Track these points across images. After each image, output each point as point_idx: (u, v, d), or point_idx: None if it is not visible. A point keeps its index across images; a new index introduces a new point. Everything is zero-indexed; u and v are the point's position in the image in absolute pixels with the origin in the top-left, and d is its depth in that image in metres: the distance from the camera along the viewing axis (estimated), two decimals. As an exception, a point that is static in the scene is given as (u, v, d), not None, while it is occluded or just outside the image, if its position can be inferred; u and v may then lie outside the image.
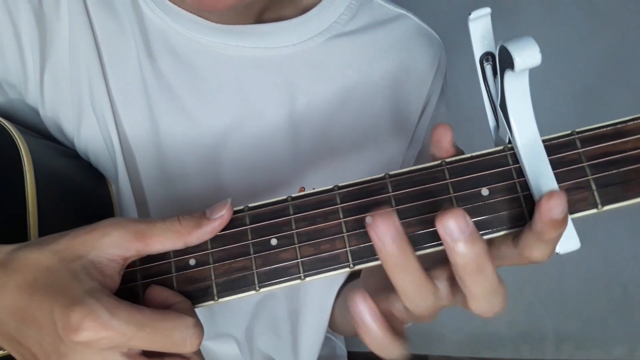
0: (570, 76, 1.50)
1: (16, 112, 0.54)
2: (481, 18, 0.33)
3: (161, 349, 0.31)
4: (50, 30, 0.50)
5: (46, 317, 0.30)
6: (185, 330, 0.31)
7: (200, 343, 0.32)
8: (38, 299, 0.31)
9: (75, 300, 0.30)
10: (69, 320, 0.29)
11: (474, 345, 1.57)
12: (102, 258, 0.33)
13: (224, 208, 0.34)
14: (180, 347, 0.31)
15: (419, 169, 0.34)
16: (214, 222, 0.34)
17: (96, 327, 0.29)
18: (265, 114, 0.54)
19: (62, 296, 0.30)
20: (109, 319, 0.29)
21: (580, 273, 1.49)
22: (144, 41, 0.51)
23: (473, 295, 0.31)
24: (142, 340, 0.30)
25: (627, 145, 0.32)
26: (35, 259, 0.33)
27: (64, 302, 0.30)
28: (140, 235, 0.33)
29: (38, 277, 0.32)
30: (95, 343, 0.29)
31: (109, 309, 0.30)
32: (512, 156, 0.33)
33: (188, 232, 0.34)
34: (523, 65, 0.30)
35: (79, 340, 0.29)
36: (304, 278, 0.34)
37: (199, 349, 0.33)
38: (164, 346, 0.31)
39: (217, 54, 0.52)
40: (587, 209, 0.32)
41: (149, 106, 0.51)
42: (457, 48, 0.76)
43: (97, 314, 0.29)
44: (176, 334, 0.31)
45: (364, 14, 0.56)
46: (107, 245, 0.33)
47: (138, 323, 0.30)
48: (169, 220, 0.34)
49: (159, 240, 0.33)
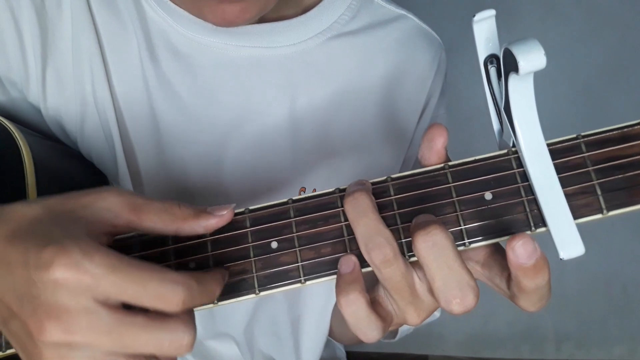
0: (571, 77, 1.50)
1: (18, 112, 0.54)
2: (486, 20, 0.33)
3: (134, 301, 0.29)
4: (52, 28, 0.50)
5: (20, 259, 0.29)
6: (162, 284, 0.29)
7: (185, 307, 0.30)
8: (16, 243, 0.29)
9: (51, 240, 0.28)
10: (41, 257, 0.28)
11: (474, 345, 1.57)
12: (92, 218, 0.31)
13: (226, 209, 0.33)
14: (154, 301, 0.29)
15: (422, 172, 0.34)
16: (212, 218, 0.33)
17: (66, 265, 0.27)
18: (265, 113, 0.53)
19: (41, 238, 0.29)
20: (80, 258, 0.28)
21: (580, 273, 1.49)
22: (145, 40, 0.51)
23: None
24: (113, 285, 0.28)
25: (633, 149, 0.32)
26: (23, 210, 0.31)
27: (39, 242, 0.28)
28: (135, 208, 0.32)
29: (22, 225, 0.30)
30: (65, 282, 0.27)
31: (83, 249, 0.28)
32: (516, 160, 0.33)
33: (183, 219, 0.33)
34: (528, 68, 0.29)
35: (49, 279, 0.27)
36: (304, 282, 0.34)
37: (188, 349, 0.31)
38: (136, 296, 0.28)
39: (217, 53, 0.52)
40: (592, 214, 0.32)
41: (150, 105, 0.51)
42: (458, 49, 0.76)
43: (69, 252, 0.28)
44: (151, 285, 0.29)
45: (365, 14, 0.56)
46: (101, 207, 0.31)
47: (110, 265, 0.28)
48: (168, 203, 0.33)
49: (152, 219, 0.32)
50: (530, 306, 0.32)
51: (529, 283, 0.30)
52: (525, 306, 0.33)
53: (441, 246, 0.30)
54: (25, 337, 0.29)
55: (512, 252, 0.29)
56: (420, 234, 0.30)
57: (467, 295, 0.30)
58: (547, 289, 0.31)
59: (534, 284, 0.30)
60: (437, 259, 0.30)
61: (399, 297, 0.33)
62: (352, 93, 0.55)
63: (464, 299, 0.30)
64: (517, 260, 0.29)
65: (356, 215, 0.32)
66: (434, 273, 0.31)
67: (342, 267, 0.33)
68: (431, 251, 0.30)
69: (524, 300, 0.32)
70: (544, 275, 0.30)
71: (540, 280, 0.30)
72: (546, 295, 0.32)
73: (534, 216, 0.32)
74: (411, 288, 0.33)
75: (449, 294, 0.31)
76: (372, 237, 0.31)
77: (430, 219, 0.32)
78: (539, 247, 0.30)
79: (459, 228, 0.33)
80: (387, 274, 0.31)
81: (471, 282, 0.31)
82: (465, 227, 0.32)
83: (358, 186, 0.33)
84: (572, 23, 1.50)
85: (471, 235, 0.32)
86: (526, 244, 0.29)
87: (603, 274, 1.52)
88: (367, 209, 0.32)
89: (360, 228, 0.32)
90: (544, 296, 0.32)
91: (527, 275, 0.30)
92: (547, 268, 0.30)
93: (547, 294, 0.32)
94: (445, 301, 0.31)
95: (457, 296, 0.30)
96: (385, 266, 0.31)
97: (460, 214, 0.33)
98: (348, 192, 0.33)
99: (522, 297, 0.32)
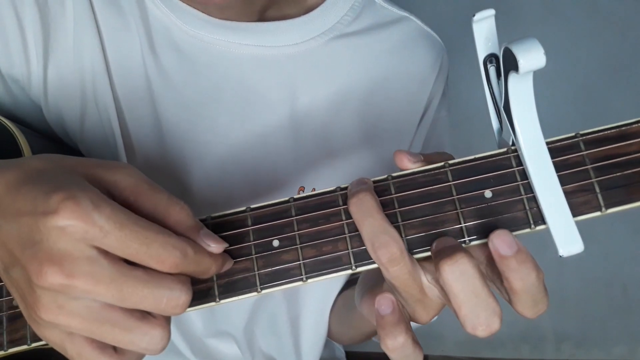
0: (571, 76, 1.50)
1: (20, 110, 0.54)
2: (485, 19, 0.33)
3: (134, 258, 0.29)
4: (54, 26, 0.50)
5: (28, 204, 0.28)
6: (166, 246, 0.29)
7: (177, 270, 0.30)
8: (24, 190, 0.29)
9: (61, 187, 0.28)
10: (49, 202, 0.27)
11: (474, 345, 1.57)
12: (107, 177, 0.31)
13: (217, 242, 0.32)
14: (154, 261, 0.29)
15: (422, 170, 0.34)
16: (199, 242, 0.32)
17: (75, 212, 0.27)
18: (266, 112, 0.54)
19: (50, 184, 0.29)
20: (90, 208, 0.27)
21: (580, 273, 1.49)
22: (147, 37, 0.51)
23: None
24: (118, 240, 0.28)
25: (632, 147, 0.32)
26: (33, 162, 0.31)
27: (48, 188, 0.28)
28: (150, 186, 0.32)
29: (31, 173, 0.30)
30: (71, 229, 0.27)
31: (93, 200, 0.28)
32: (516, 158, 0.33)
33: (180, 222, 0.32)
34: (527, 67, 0.29)
35: (55, 224, 0.27)
36: (305, 280, 0.34)
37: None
38: (138, 255, 0.29)
39: (219, 51, 0.52)
40: (591, 211, 0.32)
41: (152, 102, 0.51)
42: (458, 48, 0.76)
43: (78, 200, 0.27)
44: (155, 246, 0.29)
45: (367, 15, 0.57)
46: (120, 172, 0.31)
47: (119, 221, 0.28)
48: (172, 200, 0.32)
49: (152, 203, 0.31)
50: (525, 310, 0.32)
51: (515, 280, 0.30)
52: (521, 310, 0.32)
53: (469, 275, 0.30)
54: (24, 283, 0.29)
55: (491, 244, 0.30)
56: (447, 262, 0.30)
57: (493, 322, 0.30)
58: (540, 290, 0.31)
59: (521, 282, 0.30)
60: (465, 288, 0.30)
61: (408, 295, 0.33)
62: (354, 93, 0.56)
63: (490, 325, 0.30)
64: (498, 252, 0.30)
65: (361, 215, 0.32)
66: (461, 302, 0.30)
67: (382, 307, 0.33)
68: (459, 281, 0.30)
69: (518, 304, 0.32)
70: (528, 269, 0.30)
71: (525, 274, 0.30)
72: (541, 300, 0.32)
73: (533, 214, 0.32)
74: (419, 285, 0.33)
75: (476, 322, 0.30)
76: (378, 236, 0.31)
77: (455, 245, 0.32)
78: (520, 242, 0.30)
79: (459, 226, 0.33)
80: (395, 272, 0.32)
81: (497, 309, 0.31)
82: (466, 225, 0.33)
83: (361, 185, 0.33)
84: (572, 23, 1.50)
85: (471, 233, 0.33)
86: (503, 235, 0.30)
87: (603, 274, 1.52)
88: (372, 209, 0.32)
89: (366, 227, 0.32)
90: (538, 300, 0.32)
91: (511, 269, 0.30)
92: (531, 262, 0.30)
93: (543, 298, 0.32)
94: (471, 327, 0.31)
95: (484, 323, 0.30)
96: (393, 264, 0.31)
97: (460, 212, 0.33)
98: (352, 193, 0.33)
99: (515, 300, 0.32)
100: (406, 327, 0.33)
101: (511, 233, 0.30)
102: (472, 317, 0.31)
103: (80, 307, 0.29)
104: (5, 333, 0.36)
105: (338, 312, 0.60)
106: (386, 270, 0.32)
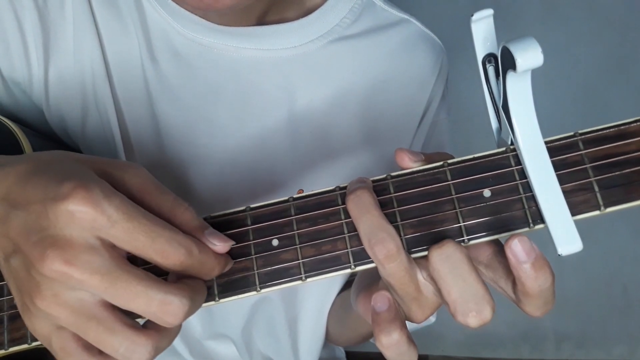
0: (570, 76, 1.50)
1: (21, 113, 0.54)
2: (484, 19, 0.33)
3: (140, 251, 0.29)
4: (55, 29, 0.50)
5: (38, 192, 0.29)
6: (172, 242, 0.29)
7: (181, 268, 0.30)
8: (34, 179, 0.29)
9: (72, 175, 0.28)
10: (61, 188, 0.28)
11: (474, 345, 1.57)
12: (116, 174, 0.31)
13: (223, 241, 0.32)
14: (159, 256, 0.29)
15: (421, 170, 0.34)
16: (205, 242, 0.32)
17: (85, 199, 0.27)
18: (264, 115, 0.53)
19: (62, 174, 0.29)
20: (101, 197, 0.28)
21: (580, 273, 1.49)
22: (146, 41, 0.51)
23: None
24: (125, 231, 0.28)
25: (630, 147, 0.32)
26: (43, 156, 0.32)
27: (60, 177, 0.29)
28: (157, 186, 0.32)
29: (41, 166, 0.30)
30: (80, 215, 0.27)
31: (104, 190, 0.28)
32: (515, 157, 0.33)
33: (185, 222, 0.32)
34: (525, 66, 0.29)
35: (65, 208, 0.27)
36: (305, 279, 0.34)
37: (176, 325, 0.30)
38: (144, 249, 0.29)
39: (217, 55, 0.52)
40: (590, 210, 0.32)
41: (150, 105, 0.52)
42: (457, 48, 0.76)
43: (90, 188, 0.28)
44: (161, 240, 0.29)
45: (367, 18, 0.56)
46: (130, 170, 0.31)
47: (128, 212, 0.28)
48: (178, 201, 0.32)
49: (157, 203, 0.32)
50: (535, 311, 0.32)
51: (532, 285, 0.30)
52: (530, 311, 0.33)
53: (455, 259, 0.31)
54: (24, 272, 0.29)
55: (510, 251, 0.30)
56: (434, 248, 0.31)
57: (483, 308, 0.31)
58: (551, 292, 0.32)
59: (537, 286, 0.30)
60: (452, 271, 0.31)
61: (404, 293, 0.33)
62: (352, 96, 0.55)
63: (481, 312, 0.31)
64: (517, 259, 0.30)
65: (359, 212, 0.32)
66: (449, 287, 0.31)
67: (378, 304, 0.33)
68: (445, 264, 0.31)
69: (529, 305, 0.32)
70: (545, 275, 0.30)
71: (542, 280, 0.30)
72: (551, 299, 0.32)
73: (532, 213, 0.32)
74: (415, 283, 0.33)
75: (466, 308, 0.31)
76: (375, 232, 0.32)
77: (446, 238, 0.32)
78: (537, 247, 0.30)
79: (458, 225, 0.33)
80: (391, 269, 0.32)
81: (487, 296, 0.31)
82: (464, 224, 0.33)
83: (359, 184, 0.33)
84: (571, 23, 1.50)
85: (470, 232, 0.33)
86: (523, 242, 0.30)
87: (603, 274, 1.52)
88: (369, 206, 0.32)
89: (363, 224, 0.32)
90: (548, 301, 0.32)
91: (528, 275, 0.30)
92: (548, 268, 0.30)
93: (552, 298, 0.32)
94: (462, 315, 0.31)
95: (474, 309, 0.31)
96: (389, 261, 0.31)
97: (459, 211, 0.33)
98: (350, 190, 0.33)
99: (527, 302, 0.32)
100: (401, 324, 0.33)
101: (529, 239, 0.30)
102: (461, 302, 0.31)
103: (73, 299, 0.29)
104: (6, 332, 0.36)
105: (335, 313, 0.60)
106: (382, 267, 0.32)
